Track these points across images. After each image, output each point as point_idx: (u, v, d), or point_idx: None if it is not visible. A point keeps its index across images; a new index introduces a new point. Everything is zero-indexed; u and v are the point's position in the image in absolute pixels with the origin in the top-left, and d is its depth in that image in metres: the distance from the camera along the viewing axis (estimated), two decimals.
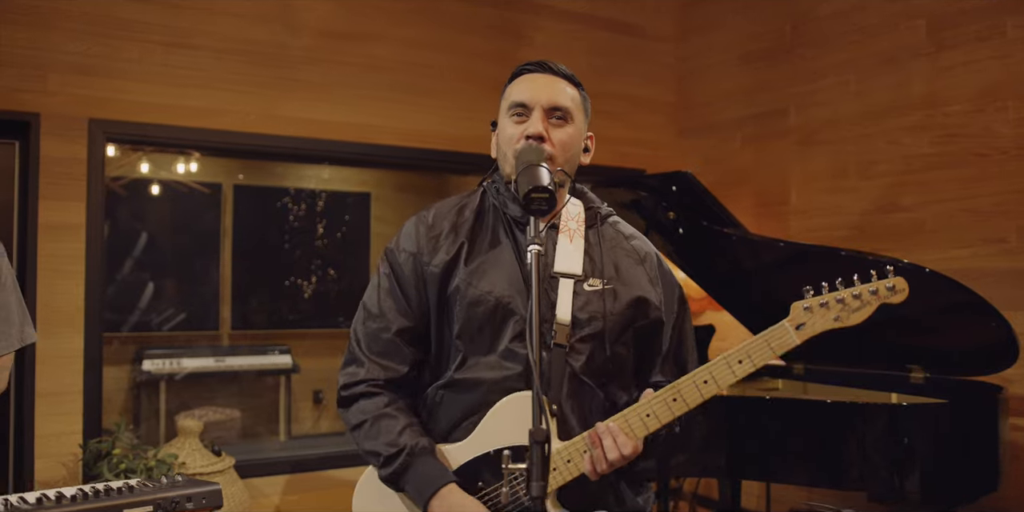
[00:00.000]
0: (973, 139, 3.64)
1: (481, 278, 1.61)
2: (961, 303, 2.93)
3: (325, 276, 6.50)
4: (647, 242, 1.77)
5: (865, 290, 1.43)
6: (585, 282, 1.61)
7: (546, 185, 1.39)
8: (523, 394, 1.54)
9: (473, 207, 1.72)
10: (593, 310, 1.60)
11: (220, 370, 5.84)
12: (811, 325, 1.45)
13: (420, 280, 1.67)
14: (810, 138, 4.33)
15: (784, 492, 4.26)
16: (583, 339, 1.59)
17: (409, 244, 1.70)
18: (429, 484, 1.54)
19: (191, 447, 3.52)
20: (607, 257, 1.66)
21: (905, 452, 2.77)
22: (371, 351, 1.67)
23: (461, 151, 4.36)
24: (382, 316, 1.68)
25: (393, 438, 1.58)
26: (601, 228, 1.71)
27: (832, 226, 4.20)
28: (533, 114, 1.61)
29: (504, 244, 1.65)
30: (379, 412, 1.62)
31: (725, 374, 1.48)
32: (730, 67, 4.78)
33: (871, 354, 3.48)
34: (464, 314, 1.60)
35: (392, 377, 1.66)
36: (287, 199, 6.36)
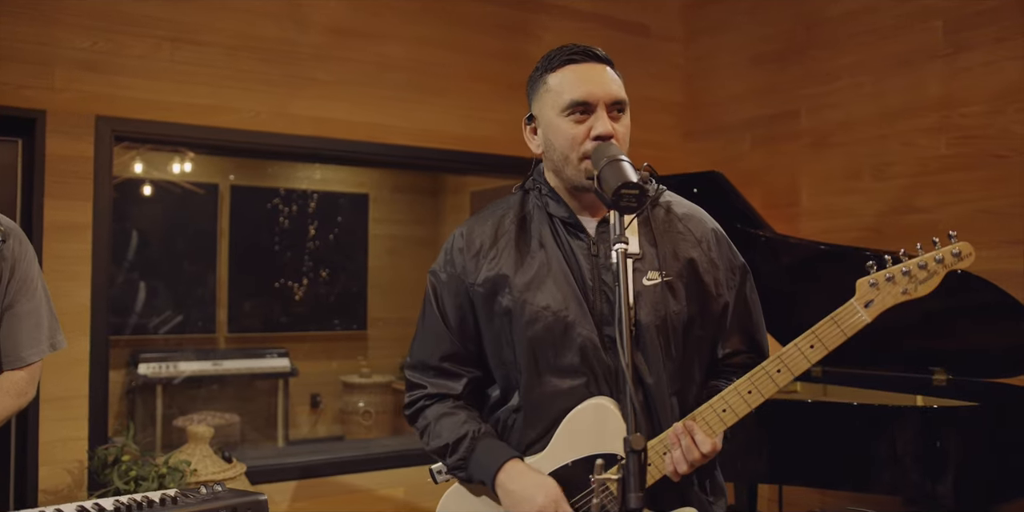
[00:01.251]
0: (991, 140, 3.63)
1: (535, 293, 1.55)
2: (991, 303, 2.90)
3: (323, 278, 6.42)
4: (702, 218, 1.67)
5: (931, 259, 1.39)
6: (644, 276, 1.55)
7: (635, 180, 1.34)
8: (595, 402, 1.50)
9: (514, 215, 1.65)
10: (654, 308, 1.53)
11: (217, 374, 5.75)
12: (880, 301, 1.42)
13: (465, 301, 1.62)
14: (823, 140, 4.31)
15: (796, 495, 4.23)
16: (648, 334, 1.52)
17: (450, 265, 1.65)
18: (494, 460, 1.53)
19: (202, 453, 3.43)
20: (662, 246, 1.58)
21: (938, 455, 2.74)
22: (423, 376, 1.67)
23: (470, 151, 4.30)
24: (427, 341, 1.67)
25: (456, 428, 1.59)
26: (652, 213, 1.62)
27: (845, 228, 4.18)
28: (598, 112, 1.52)
29: (551, 250, 1.58)
30: (441, 412, 1.62)
31: (798, 360, 1.45)
32: (740, 68, 4.75)
33: (892, 356, 3.46)
34: (522, 334, 1.55)
35: (448, 394, 1.65)
36: (285, 200, 6.27)
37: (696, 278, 1.59)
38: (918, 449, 2.76)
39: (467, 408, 1.63)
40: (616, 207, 1.34)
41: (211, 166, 6.06)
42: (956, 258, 1.39)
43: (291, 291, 6.29)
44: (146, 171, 5.80)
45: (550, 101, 1.57)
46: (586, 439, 1.49)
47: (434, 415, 1.62)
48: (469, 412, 1.62)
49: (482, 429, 1.57)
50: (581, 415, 1.51)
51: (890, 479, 2.80)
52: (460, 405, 1.63)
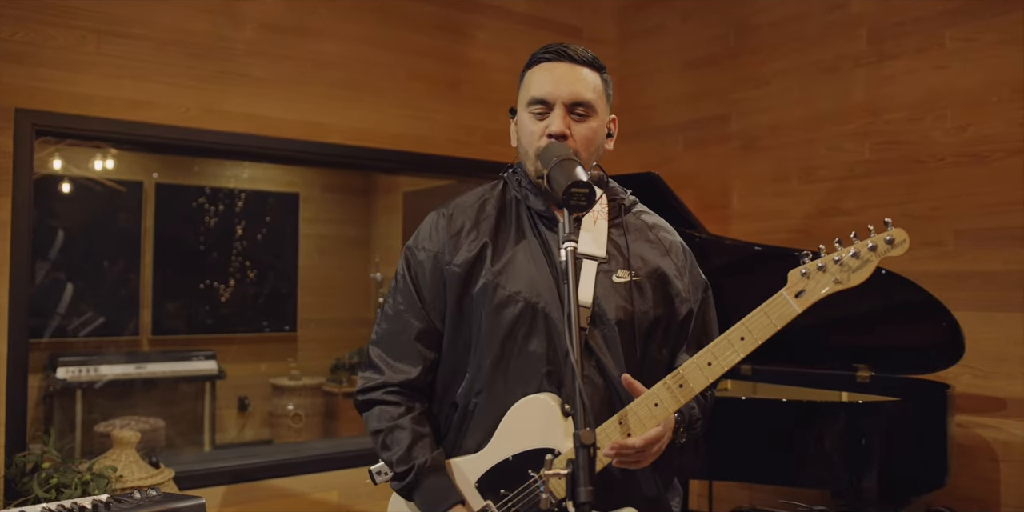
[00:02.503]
0: (912, 146, 3.77)
1: (508, 278, 1.55)
2: (913, 302, 3.02)
3: (251, 279, 6.29)
4: (670, 230, 1.72)
5: (863, 247, 1.35)
6: (614, 274, 1.57)
7: (585, 180, 1.35)
8: (535, 397, 1.51)
9: (495, 201, 1.66)
10: (621, 305, 1.55)
11: (141, 377, 5.58)
12: (811, 290, 1.37)
13: (439, 280, 1.61)
14: (753, 144, 4.41)
15: (726, 491, 4.31)
16: (612, 331, 1.54)
17: (429, 242, 1.65)
18: (436, 504, 1.53)
19: (127, 459, 3.32)
20: (633, 249, 1.61)
21: (862, 449, 2.83)
22: (388, 354, 1.64)
23: (406, 150, 4.27)
24: (397, 318, 1.64)
25: (403, 453, 1.56)
26: (625, 218, 1.66)
27: (774, 229, 4.28)
28: (554, 111, 1.54)
29: (530, 239, 1.60)
30: (392, 423, 1.59)
31: (728, 353, 1.41)
32: (673, 72, 4.83)
33: (818, 354, 3.56)
34: (492, 316, 1.54)
35: (407, 380, 1.62)
36: (212, 199, 6.13)
37: (664, 283, 1.61)
38: (843, 443, 2.85)
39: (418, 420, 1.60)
40: (567, 206, 1.35)
41: (135, 163, 5.89)
42: (889, 245, 1.34)
43: (218, 292, 6.15)
44: (65, 168, 5.60)
45: (521, 96, 1.62)
46: (527, 434, 1.50)
47: (387, 422, 1.59)
48: (419, 429, 1.59)
49: (427, 462, 1.55)
50: (522, 410, 1.51)
51: (817, 473, 2.89)
52: (414, 417, 1.60)
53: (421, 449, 1.57)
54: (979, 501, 3.47)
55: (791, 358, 3.67)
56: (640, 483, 1.55)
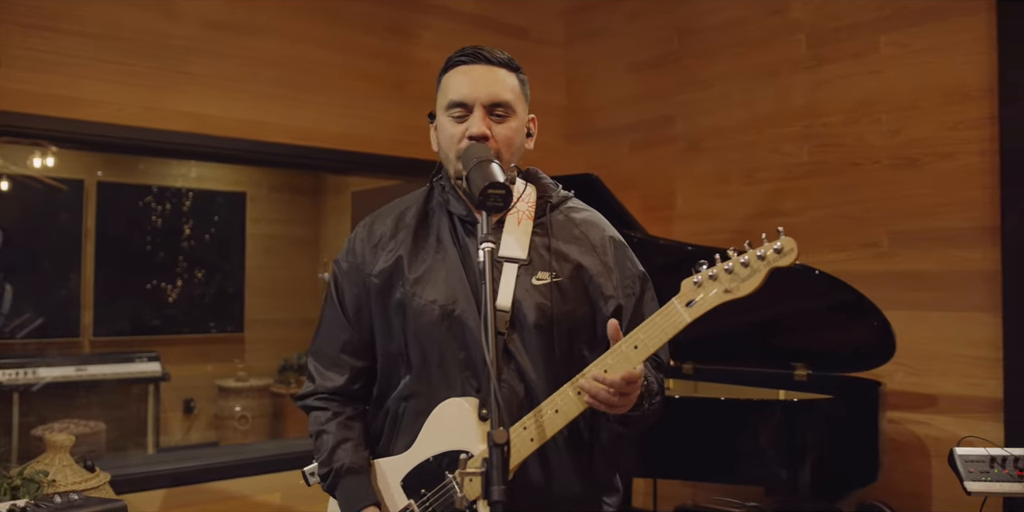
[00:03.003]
0: (848, 149, 3.84)
1: (424, 287, 1.57)
2: (846, 302, 3.08)
3: (196, 279, 6.20)
4: (600, 225, 1.70)
5: (753, 255, 1.32)
6: (534, 276, 1.57)
7: (502, 181, 1.36)
8: (453, 401, 1.53)
9: (416, 209, 1.67)
10: (540, 307, 1.55)
11: (82, 379, 5.47)
12: (702, 301, 1.35)
13: (363, 291, 1.65)
14: (696, 145, 4.46)
15: (670, 489, 4.36)
16: (530, 334, 1.55)
17: (351, 255, 1.68)
18: (351, 506, 1.59)
19: (61, 463, 3.24)
20: (556, 249, 1.61)
21: (797, 446, 2.88)
22: (319, 363, 1.69)
23: (348, 149, 4.24)
24: (326, 329, 1.70)
25: (326, 457, 1.63)
26: (552, 217, 1.65)
27: (716, 230, 4.34)
28: (474, 113, 1.55)
29: (447, 246, 1.61)
30: (320, 428, 1.65)
31: (622, 362, 1.41)
32: (619, 74, 4.87)
33: (757, 353, 3.63)
34: (411, 325, 1.58)
35: (335, 387, 1.67)
36: (157, 198, 6.03)
37: (586, 280, 1.61)
38: (777, 441, 2.90)
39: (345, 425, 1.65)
40: (483, 207, 1.36)
41: (77, 161, 5.77)
42: (778, 254, 1.31)
43: (163, 292, 6.06)
44: (3, 166, 5.47)
45: (440, 100, 1.62)
46: (445, 436, 1.52)
47: (316, 427, 1.66)
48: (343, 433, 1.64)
49: (345, 465, 1.60)
50: (441, 413, 1.54)
51: (753, 470, 2.94)
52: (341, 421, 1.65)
53: (343, 452, 1.61)
54: (912, 495, 3.56)
55: (731, 357, 3.73)
56: (561, 483, 1.56)
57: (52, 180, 5.62)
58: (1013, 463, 2.26)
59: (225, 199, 6.39)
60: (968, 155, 3.46)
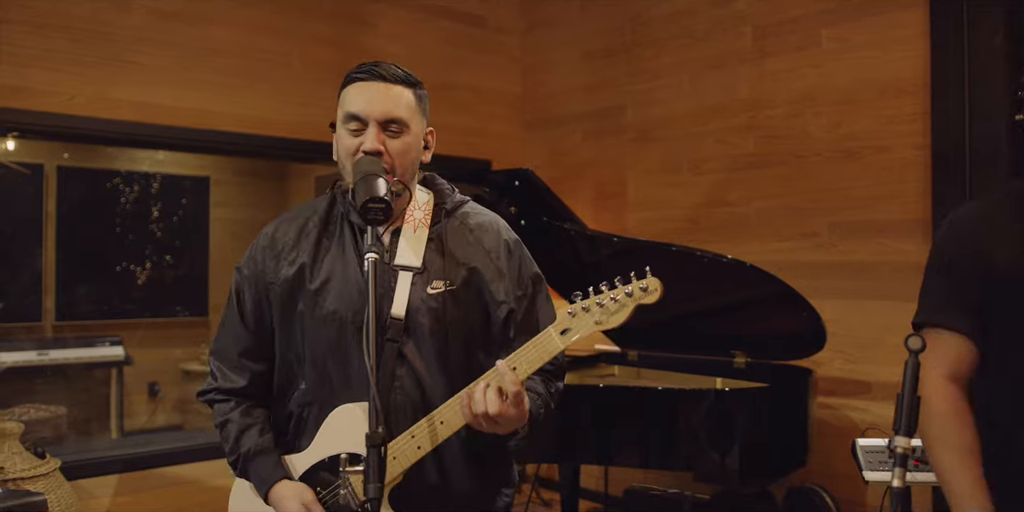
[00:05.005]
0: (791, 141, 3.92)
1: (325, 297, 1.63)
2: (778, 294, 3.16)
3: (160, 263, 6.22)
4: (497, 229, 1.74)
5: (621, 292, 1.45)
6: (428, 285, 1.62)
7: (382, 195, 1.42)
8: (348, 406, 1.61)
9: (318, 217, 1.71)
10: (434, 315, 1.61)
11: (43, 364, 5.49)
12: (576, 329, 1.48)
13: (264, 299, 1.69)
14: (646, 135, 4.52)
15: (622, 473, 4.46)
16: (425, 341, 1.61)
17: (253, 262, 1.72)
18: (263, 482, 1.65)
19: (11, 450, 3.30)
20: (450, 256, 1.66)
21: (726, 434, 2.98)
22: (221, 364, 1.74)
23: (302, 138, 4.27)
24: (227, 333, 1.75)
25: (232, 444, 1.69)
26: (447, 223, 1.70)
27: (666, 219, 4.41)
28: (368, 129, 1.58)
29: (348, 255, 1.65)
30: (224, 418, 1.71)
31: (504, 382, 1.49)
32: (572, 63, 4.91)
33: (699, 341, 3.71)
34: (313, 334, 1.63)
35: (235, 388, 1.72)
36: (118, 182, 6.03)
37: (480, 287, 1.67)
38: (710, 428, 2.99)
39: (248, 413, 1.71)
40: (365, 220, 1.42)
41: (38, 146, 5.75)
42: (644, 292, 1.44)
43: (126, 277, 6.07)
44: None
45: (339, 112, 1.66)
46: (340, 438, 1.59)
47: (220, 418, 1.72)
48: (245, 420, 1.70)
49: (251, 449, 1.66)
50: (337, 417, 1.61)
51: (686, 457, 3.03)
52: (243, 410, 1.71)
53: (247, 437, 1.67)
54: (849, 477, 3.64)
55: (674, 345, 3.81)
56: (456, 482, 1.64)
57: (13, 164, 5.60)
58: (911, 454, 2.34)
59: (189, 184, 6.39)
60: (903, 149, 3.54)
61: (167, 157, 6.32)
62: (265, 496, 1.63)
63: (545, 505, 4.70)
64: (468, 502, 1.65)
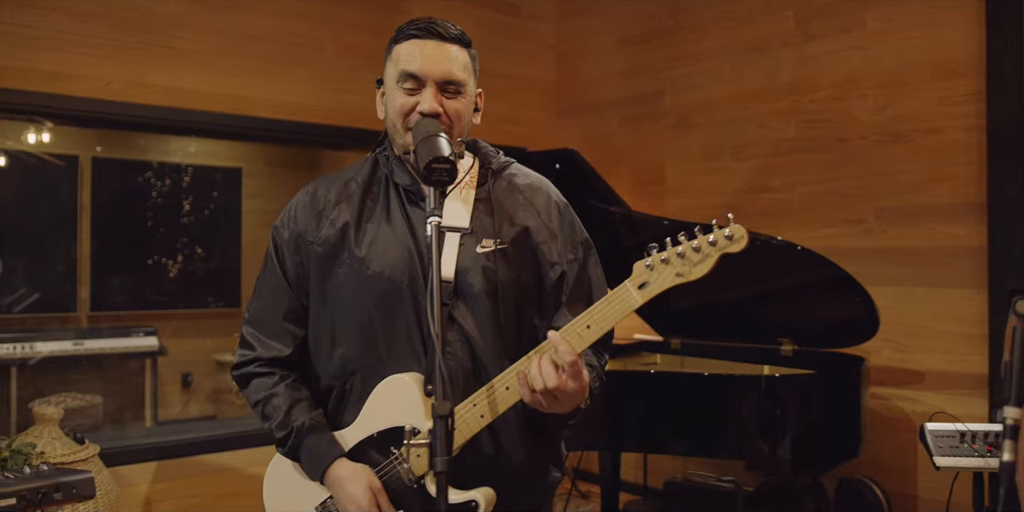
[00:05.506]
0: (835, 125, 3.83)
1: (371, 259, 1.55)
2: (830, 279, 3.08)
3: (193, 255, 6.22)
4: (547, 191, 1.68)
5: (704, 241, 1.35)
6: (478, 244, 1.56)
7: (447, 156, 1.36)
8: (398, 377, 1.52)
9: (361, 179, 1.65)
10: (486, 274, 1.54)
11: (79, 354, 5.51)
12: (654, 283, 1.38)
13: (304, 259, 1.61)
14: (685, 120, 4.44)
15: (661, 465, 4.40)
16: (476, 302, 1.54)
17: (292, 221, 1.65)
18: (319, 462, 1.55)
19: (50, 435, 3.29)
20: (500, 216, 1.60)
21: (777, 421, 2.90)
22: (259, 332, 1.65)
23: (336, 125, 4.23)
24: (267, 297, 1.66)
25: (282, 419, 1.59)
26: (494, 185, 1.64)
27: (706, 206, 4.34)
28: (426, 89, 1.53)
29: (394, 217, 1.59)
30: (269, 392, 1.61)
31: (575, 341, 1.42)
32: (608, 49, 4.84)
33: (745, 328, 3.64)
34: (357, 297, 1.55)
35: (278, 357, 1.63)
36: (151, 174, 6.04)
37: (531, 247, 1.60)
38: (760, 416, 2.92)
39: (294, 387, 1.62)
40: (428, 181, 1.37)
41: (72, 138, 5.77)
42: (728, 240, 1.34)
43: (160, 268, 6.08)
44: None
45: (390, 70, 1.61)
46: (389, 411, 1.52)
47: (264, 392, 1.62)
48: (294, 394, 1.61)
49: (304, 423, 1.57)
50: (385, 389, 1.53)
51: (735, 445, 2.96)
52: (289, 384, 1.62)
53: (299, 412, 1.58)
54: (898, 470, 3.59)
55: (718, 332, 3.74)
56: (511, 457, 1.57)
57: (49, 156, 5.63)
58: (983, 439, 2.27)
59: (221, 175, 6.39)
60: (955, 130, 3.45)
61: (199, 148, 6.33)
62: (321, 476, 1.54)
63: (583, 497, 4.64)
64: (521, 476, 1.58)
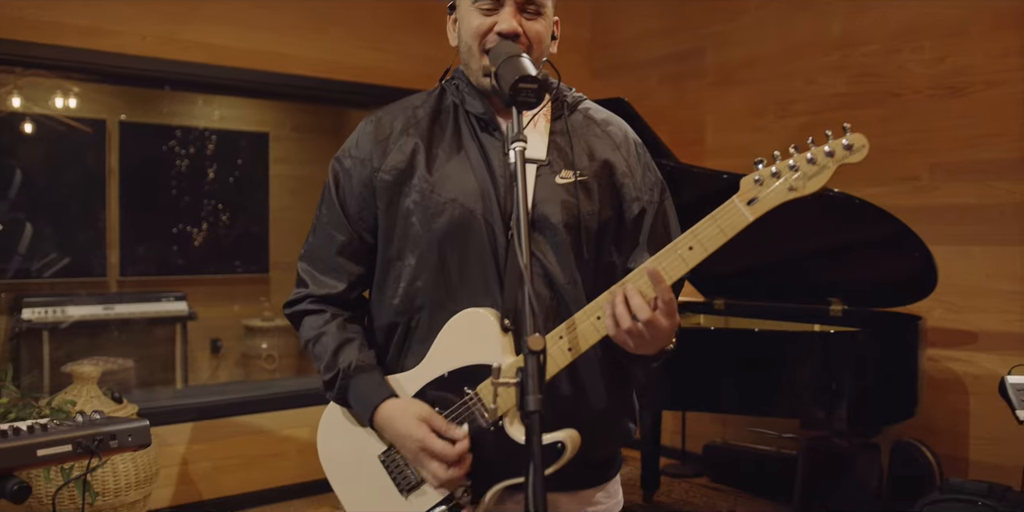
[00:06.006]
0: (888, 79, 3.70)
1: (443, 186, 1.46)
2: (887, 234, 2.98)
3: (221, 220, 6.18)
4: (622, 126, 1.60)
5: (820, 152, 1.23)
6: (557, 174, 1.47)
7: (534, 74, 1.27)
8: (473, 311, 1.42)
9: (429, 107, 1.55)
10: (566, 206, 1.46)
11: (109, 318, 5.49)
12: (765, 198, 1.25)
13: (368, 189, 1.51)
14: (728, 78, 4.32)
15: (699, 427, 4.34)
16: (556, 235, 1.45)
17: (356, 149, 1.54)
18: (367, 404, 1.46)
19: (89, 394, 3.26)
20: (579, 147, 1.51)
21: (834, 379, 2.82)
22: (313, 268, 1.56)
23: (374, 83, 4.15)
24: (322, 231, 1.56)
25: (329, 360, 1.50)
26: (569, 117, 1.54)
27: (747, 166, 4.17)
28: (505, 8, 1.44)
29: (467, 145, 1.50)
30: (318, 331, 1.53)
31: (676, 265, 1.30)
32: (646, 6, 4.71)
33: (792, 287, 3.54)
34: (428, 227, 1.46)
35: (331, 294, 1.54)
36: (178, 139, 5.98)
37: (612, 181, 1.52)
38: (816, 373, 2.84)
39: (345, 327, 1.54)
40: (514, 103, 1.27)
41: (99, 102, 5.71)
42: (847, 150, 1.21)
43: (189, 233, 6.04)
44: (25, 106, 5.42)
45: None
46: (463, 349, 1.42)
47: (313, 331, 1.54)
48: (343, 334, 1.52)
49: (352, 364, 1.48)
50: (458, 325, 1.43)
51: (789, 403, 2.88)
52: (339, 323, 1.53)
53: (346, 353, 1.50)
54: (949, 433, 3.50)
55: (764, 292, 3.65)
56: (592, 401, 1.49)
57: (74, 121, 5.57)
58: None
59: (248, 140, 6.32)
60: (1016, 83, 3.31)
61: (227, 113, 6.25)
62: (370, 419, 1.45)
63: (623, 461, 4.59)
64: (600, 422, 1.48)
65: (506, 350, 1.38)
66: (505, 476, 1.37)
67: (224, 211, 6.16)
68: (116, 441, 1.63)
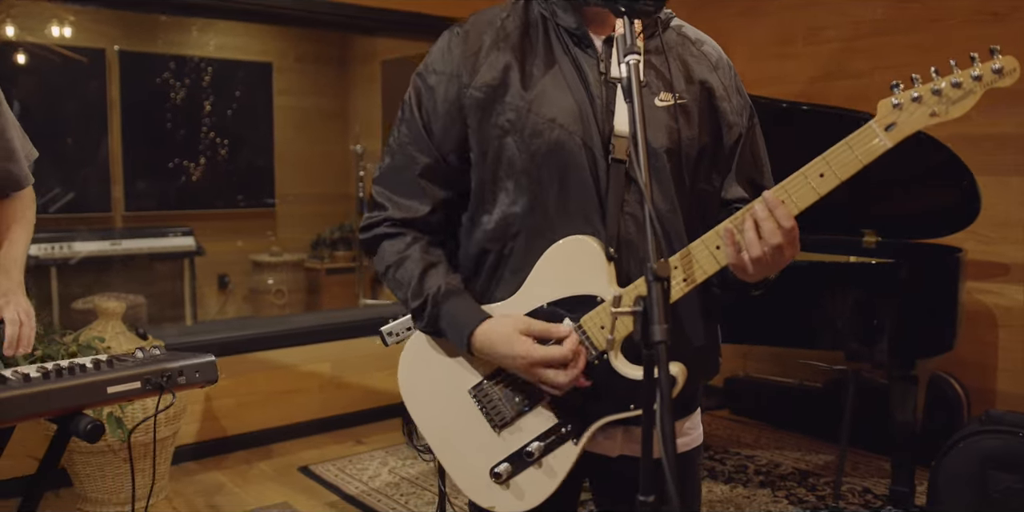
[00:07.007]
0: (925, 4, 3.57)
1: (540, 105, 1.36)
2: (930, 163, 2.91)
3: (226, 154, 6.04)
4: (716, 46, 1.51)
5: (966, 76, 1.18)
6: (656, 97, 1.38)
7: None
8: (575, 238, 1.34)
9: (517, 19, 1.43)
10: (667, 129, 1.37)
11: (116, 254, 5.41)
12: (903, 123, 1.19)
13: (455, 107, 1.40)
14: (755, 6, 4.18)
15: None
16: (657, 160, 1.36)
17: (442, 64, 1.42)
18: (463, 326, 1.37)
19: (114, 330, 3.21)
20: (676, 68, 1.41)
21: (875, 310, 2.80)
22: (392, 191, 1.46)
23: (369, 5, 3.95)
24: (402, 152, 1.45)
25: (415, 286, 1.41)
26: (663, 35, 1.44)
27: (778, 94, 4.09)
28: None
29: (561, 61, 1.39)
30: (400, 256, 1.43)
31: (804, 192, 1.23)
32: None
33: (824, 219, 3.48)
34: (524, 148, 1.36)
35: (412, 218, 1.45)
36: (181, 68, 5.79)
37: (711, 104, 1.43)
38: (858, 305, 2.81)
39: (428, 250, 1.45)
40: (631, 10, 1.17)
41: (95, 31, 5.50)
42: (997, 75, 1.16)
43: (193, 167, 5.91)
44: (19, 35, 5.21)
45: None
46: (565, 279, 1.35)
47: (394, 256, 1.44)
48: (428, 257, 1.43)
49: (440, 289, 1.40)
50: (559, 253, 1.35)
51: (831, 335, 2.86)
52: (422, 246, 1.44)
53: (433, 277, 1.41)
54: (978, 365, 3.51)
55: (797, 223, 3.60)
56: (689, 334, 1.43)
57: (69, 51, 5.36)
58: None
59: (250, 70, 6.14)
60: None
61: (230, 41, 6.05)
62: (468, 344, 1.36)
63: None
64: (697, 355, 1.42)
65: (611, 279, 1.31)
66: (605, 412, 1.32)
67: (227, 144, 6.02)
68: (184, 377, 1.58)
